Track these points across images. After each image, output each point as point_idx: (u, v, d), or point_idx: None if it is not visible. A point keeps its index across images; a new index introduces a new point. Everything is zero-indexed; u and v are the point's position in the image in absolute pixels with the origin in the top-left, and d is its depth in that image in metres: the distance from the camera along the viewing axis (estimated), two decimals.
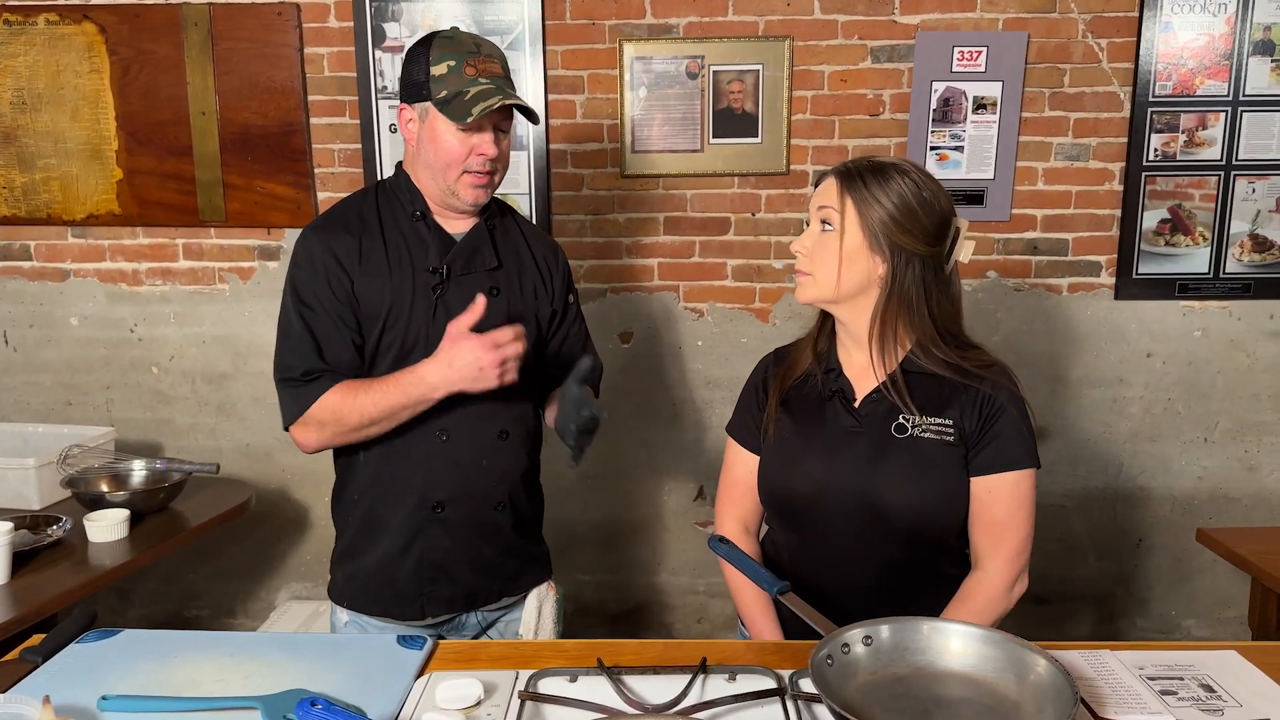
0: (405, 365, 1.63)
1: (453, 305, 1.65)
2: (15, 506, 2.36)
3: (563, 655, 1.32)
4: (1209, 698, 1.22)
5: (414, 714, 1.16)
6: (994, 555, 1.46)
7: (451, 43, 1.62)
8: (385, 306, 1.64)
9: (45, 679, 1.24)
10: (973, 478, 1.46)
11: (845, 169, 1.47)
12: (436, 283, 1.66)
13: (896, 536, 1.46)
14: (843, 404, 1.51)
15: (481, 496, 1.72)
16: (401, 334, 1.65)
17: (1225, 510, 3.05)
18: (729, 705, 1.17)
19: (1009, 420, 1.45)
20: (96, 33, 2.82)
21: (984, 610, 1.43)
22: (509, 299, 1.73)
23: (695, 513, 3.10)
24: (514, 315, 1.70)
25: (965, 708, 1.13)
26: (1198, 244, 2.88)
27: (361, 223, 1.68)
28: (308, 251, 1.66)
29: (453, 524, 1.70)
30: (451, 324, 1.56)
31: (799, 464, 1.51)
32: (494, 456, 1.72)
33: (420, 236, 1.68)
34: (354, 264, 1.64)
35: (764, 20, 2.80)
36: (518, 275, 1.76)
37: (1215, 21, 2.75)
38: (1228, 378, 2.98)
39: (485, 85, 1.59)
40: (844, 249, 1.44)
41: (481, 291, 1.64)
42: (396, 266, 1.66)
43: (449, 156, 1.61)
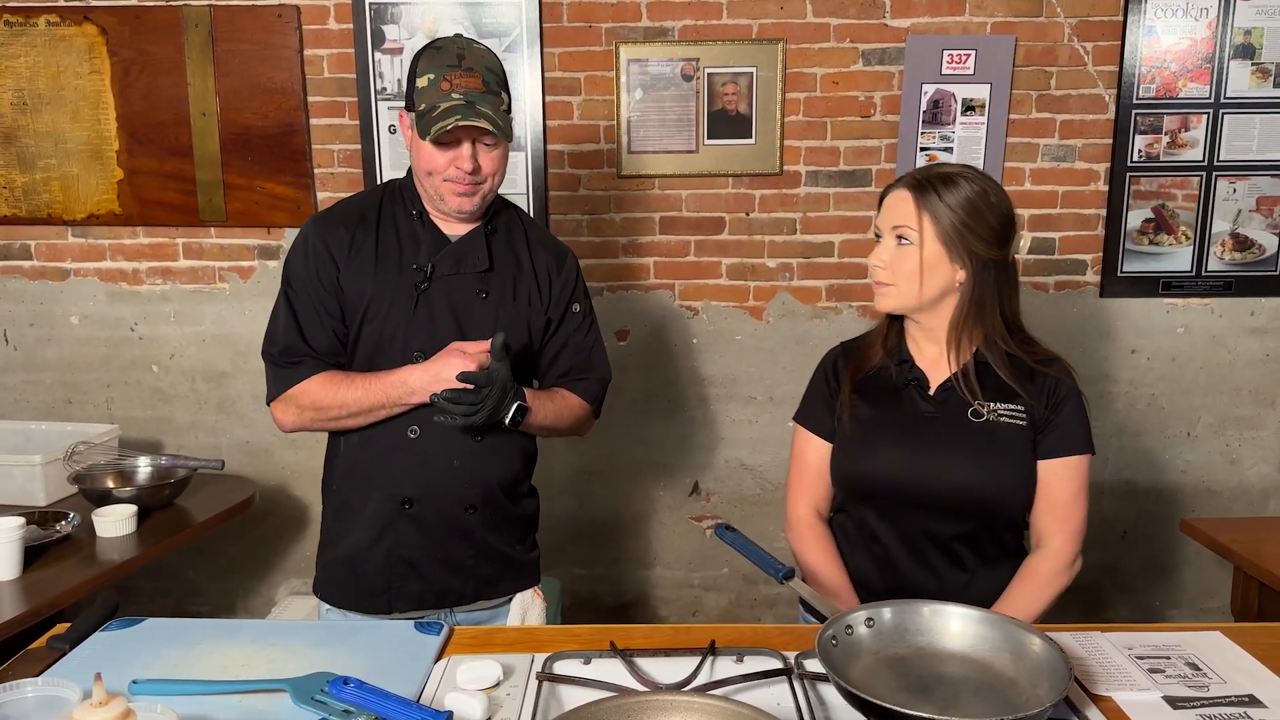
0: (381, 358, 1.69)
1: (436, 304, 1.69)
2: (21, 503, 2.39)
3: (575, 639, 1.36)
4: (1195, 675, 1.27)
5: (435, 695, 1.20)
6: (1058, 534, 1.57)
7: (437, 54, 1.65)
8: (366, 299, 1.69)
9: (74, 665, 1.28)
10: (1039, 461, 1.56)
11: (917, 182, 1.54)
12: (420, 280, 1.69)
13: (971, 514, 1.57)
14: (918, 392, 1.61)
15: (451, 497, 1.72)
16: (379, 328, 1.69)
17: (1208, 503, 3.12)
18: (738, 685, 1.22)
19: (1072, 408, 1.58)
20: (97, 34, 2.85)
21: (1048, 584, 1.55)
22: (498, 303, 1.74)
23: (690, 507, 3.15)
24: (501, 319, 1.72)
25: (964, 685, 1.19)
26: (1180, 243, 2.95)
27: (360, 218, 1.74)
28: (303, 239, 1.73)
29: (422, 521, 1.72)
30: (456, 344, 1.62)
31: (877, 448, 1.61)
32: (466, 458, 1.71)
33: (415, 235, 1.72)
34: (343, 255, 1.70)
35: (758, 23, 2.85)
36: (512, 280, 1.76)
37: (1197, 26, 2.82)
38: (1210, 373, 3.05)
39: (455, 102, 1.60)
40: (924, 260, 1.53)
41: (470, 293, 1.70)
42: (384, 262, 1.70)
43: (428, 166, 1.65)
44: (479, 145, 1.64)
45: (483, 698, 1.16)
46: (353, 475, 1.74)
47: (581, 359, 1.86)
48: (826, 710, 1.19)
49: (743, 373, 3.07)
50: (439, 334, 1.69)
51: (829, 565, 1.66)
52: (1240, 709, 1.19)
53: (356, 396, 1.65)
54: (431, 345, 1.68)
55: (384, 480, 1.72)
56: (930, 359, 1.63)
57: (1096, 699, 1.21)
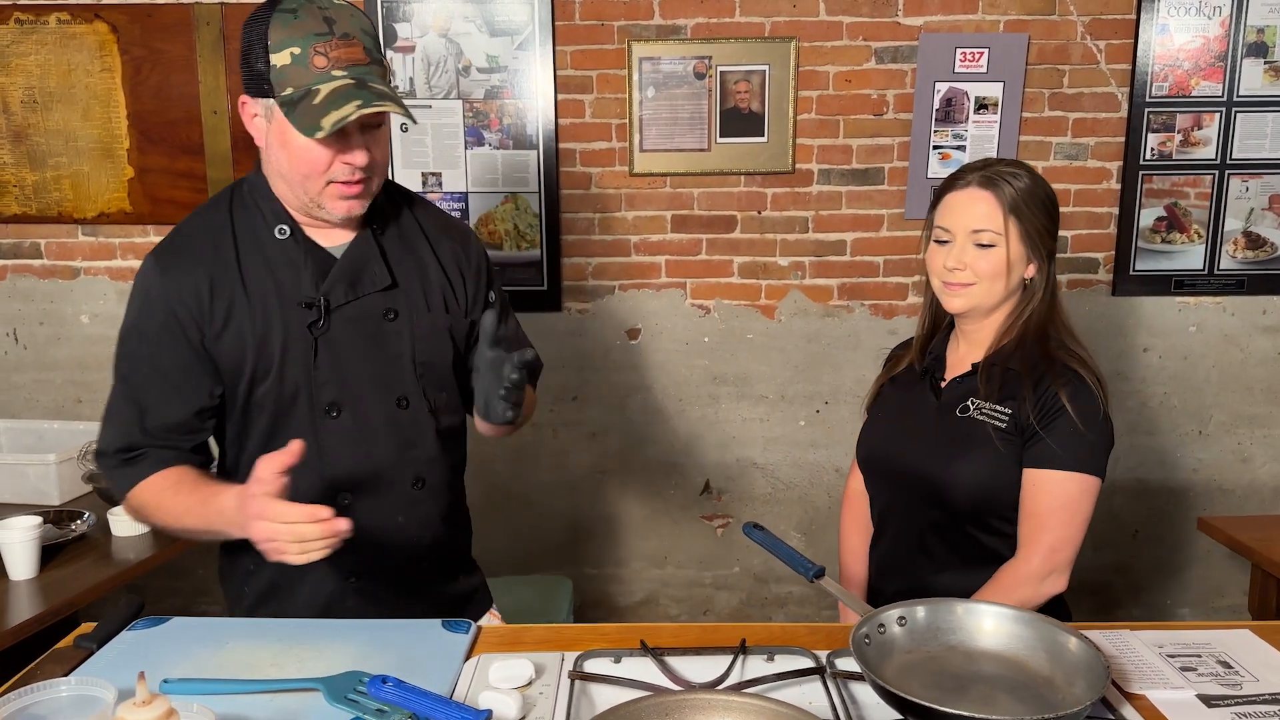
0: (290, 421, 1.39)
1: (339, 342, 1.39)
2: (36, 502, 2.38)
3: (604, 638, 1.36)
4: (1227, 673, 1.27)
5: (468, 693, 1.20)
6: (1029, 545, 1.51)
7: (295, 21, 1.27)
8: (250, 359, 1.37)
9: (103, 664, 1.27)
10: (1025, 469, 1.53)
11: (991, 181, 1.52)
12: (314, 319, 1.38)
13: (931, 503, 1.58)
14: (931, 384, 1.65)
15: (399, 553, 1.49)
16: (275, 388, 1.38)
17: (1220, 501, 3.12)
18: (771, 683, 1.21)
19: (1067, 422, 1.48)
20: (108, 32, 2.84)
21: (1007, 593, 1.48)
22: (412, 321, 1.44)
23: (702, 506, 3.15)
24: (421, 339, 1.45)
25: (1000, 683, 1.18)
26: (1193, 241, 2.95)
27: (214, 248, 1.37)
28: (144, 291, 1.38)
29: (371, 592, 1.49)
30: (262, 462, 1.20)
31: (880, 431, 1.70)
32: (410, 510, 1.49)
33: (289, 258, 1.38)
34: (203, 309, 1.35)
35: (770, 21, 2.85)
36: (421, 289, 1.46)
37: (1210, 24, 2.82)
38: (1222, 372, 3.05)
39: (341, 81, 1.27)
40: (1010, 261, 1.52)
41: (376, 319, 1.41)
42: (259, 303, 1.36)
43: (307, 167, 1.31)
44: (367, 132, 1.33)
45: (517, 696, 1.15)
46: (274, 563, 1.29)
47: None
48: (860, 709, 1.19)
49: (754, 371, 3.07)
50: (350, 379, 1.41)
51: (852, 541, 1.79)
52: (1275, 707, 1.19)
53: (178, 514, 1.35)
54: (347, 396, 1.41)
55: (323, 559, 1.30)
56: (965, 354, 1.63)
57: (1130, 697, 1.21)
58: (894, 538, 1.68)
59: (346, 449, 1.43)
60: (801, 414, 3.08)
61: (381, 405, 1.44)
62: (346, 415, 1.42)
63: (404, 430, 1.46)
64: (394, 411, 1.45)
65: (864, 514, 1.77)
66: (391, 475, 1.46)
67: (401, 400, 1.45)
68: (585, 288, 3.01)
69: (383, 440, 1.44)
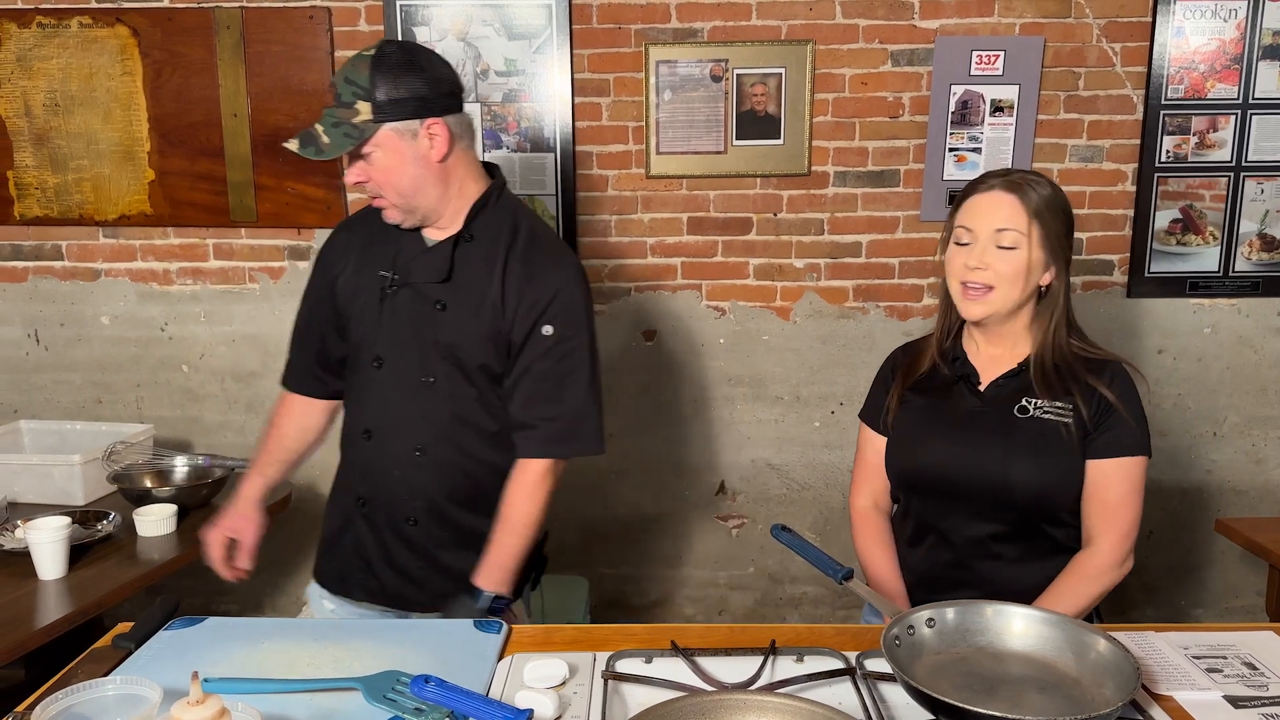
0: (361, 359, 1.75)
1: (398, 311, 1.70)
2: (60, 502, 2.40)
3: (633, 639, 1.37)
4: (1253, 674, 1.28)
5: (504, 692, 1.22)
6: (1106, 534, 1.57)
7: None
8: (346, 301, 1.76)
9: (142, 663, 1.29)
10: (1088, 460, 1.57)
11: (1015, 185, 1.55)
12: (384, 285, 1.71)
13: (1015, 508, 1.58)
14: (968, 388, 1.63)
15: (394, 505, 1.74)
16: (358, 330, 1.75)
17: (1233, 502, 3.13)
18: (802, 684, 1.23)
19: (1127, 410, 1.57)
20: (129, 35, 2.86)
21: (1092, 581, 1.55)
22: (457, 316, 1.68)
23: (717, 506, 3.16)
24: (461, 335, 1.68)
25: (1029, 684, 1.20)
26: (1208, 243, 2.95)
27: (365, 220, 1.79)
28: (330, 237, 1.86)
29: (373, 522, 1.76)
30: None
31: (925, 443, 1.64)
32: (407, 469, 1.71)
33: (398, 241, 1.72)
34: (342, 257, 1.79)
35: (787, 24, 2.86)
36: (477, 294, 1.68)
37: (1226, 26, 2.83)
38: (1236, 373, 3.05)
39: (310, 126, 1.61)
40: (1030, 264, 1.54)
41: (428, 304, 1.68)
42: (366, 266, 1.74)
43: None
44: (358, 157, 1.61)
45: (553, 695, 1.17)
46: (336, 469, 1.85)
47: (546, 388, 1.68)
48: (890, 710, 1.20)
49: (769, 373, 3.08)
50: (396, 343, 1.71)
51: (877, 556, 1.71)
52: None
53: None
54: (390, 355, 1.71)
55: (346, 475, 1.82)
56: (987, 357, 1.65)
57: (1158, 698, 1.22)
58: (945, 548, 1.64)
59: (375, 396, 1.74)
60: (816, 415, 3.09)
61: (412, 373, 1.70)
62: (386, 371, 1.72)
63: (422, 401, 1.70)
64: (417, 380, 1.70)
65: (882, 530, 1.74)
66: (400, 432, 1.72)
67: (427, 376, 1.69)
68: (601, 289, 3.03)
69: (401, 400, 1.71)
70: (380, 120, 1.56)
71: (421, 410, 1.70)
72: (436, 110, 1.59)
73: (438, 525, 1.74)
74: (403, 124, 1.57)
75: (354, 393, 1.80)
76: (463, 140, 1.65)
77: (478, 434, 1.72)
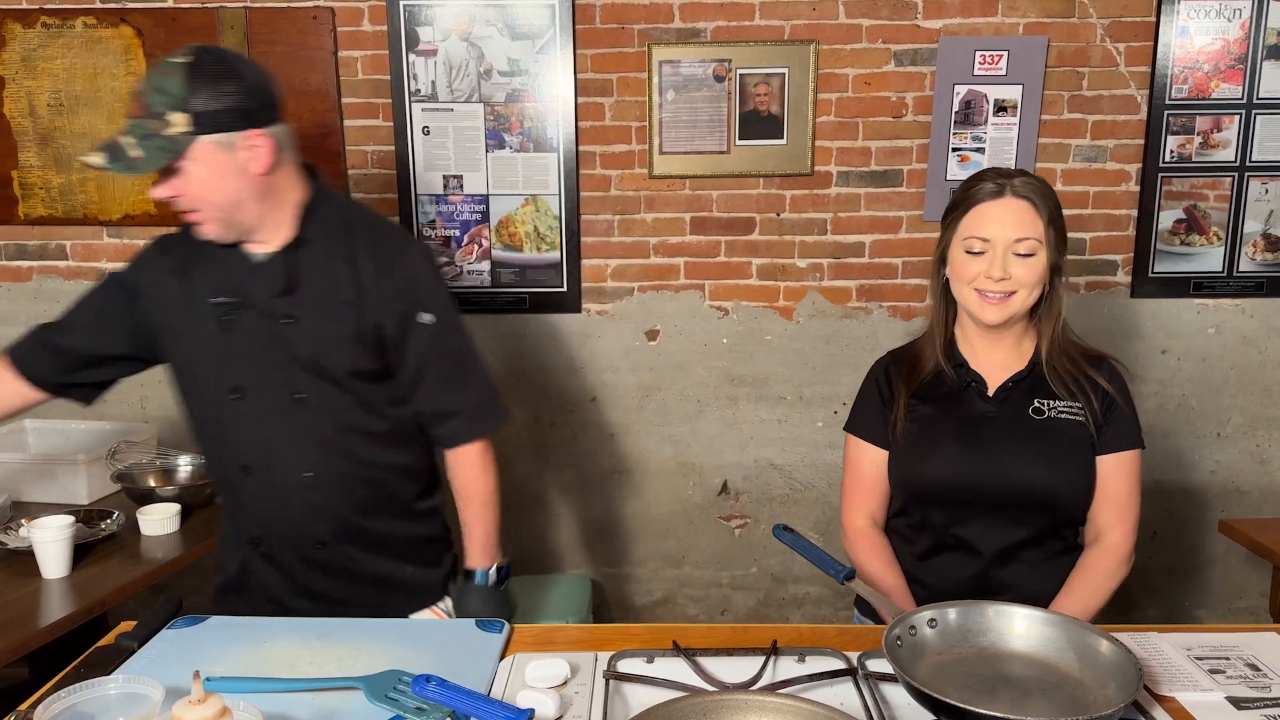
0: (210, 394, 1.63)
1: (246, 336, 1.60)
2: (64, 501, 2.40)
3: (635, 639, 1.37)
4: (1256, 676, 1.28)
5: (505, 692, 1.22)
6: (1117, 527, 1.59)
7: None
8: (169, 336, 1.65)
9: (145, 662, 1.30)
10: (1098, 456, 1.58)
11: (1028, 190, 1.54)
12: (222, 312, 1.60)
13: (1035, 511, 1.58)
14: (977, 394, 1.63)
15: (296, 535, 1.67)
16: (197, 365, 1.64)
17: (1237, 503, 3.12)
18: (804, 684, 1.23)
19: (1126, 403, 1.61)
20: (133, 36, 2.87)
21: (1108, 578, 1.57)
22: (315, 327, 1.60)
23: (719, 507, 3.16)
24: (321, 344, 1.60)
25: (1031, 685, 1.20)
26: (1212, 243, 2.95)
27: (182, 241, 1.66)
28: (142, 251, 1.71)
29: (276, 559, 1.68)
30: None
31: (941, 450, 1.62)
32: (303, 494, 1.64)
33: (224, 262, 1.61)
34: (155, 281, 1.65)
35: (790, 24, 2.86)
36: (328, 297, 1.60)
37: (1230, 26, 2.82)
38: (1240, 374, 3.05)
39: (105, 141, 1.50)
40: (1048, 267, 1.55)
41: (274, 321, 1.59)
42: (191, 296, 1.62)
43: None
44: (170, 172, 1.51)
45: (554, 695, 1.17)
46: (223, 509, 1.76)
47: (450, 374, 1.67)
48: (891, 710, 1.20)
49: (772, 373, 3.08)
50: (251, 369, 1.61)
51: (888, 573, 1.66)
52: None
53: None
54: (248, 383, 1.61)
55: (233, 518, 1.72)
56: (988, 361, 1.64)
57: (1160, 699, 1.22)
58: (968, 558, 1.62)
59: (244, 428, 1.63)
60: (819, 415, 3.09)
61: (278, 396, 1.61)
62: (248, 400, 1.62)
63: (297, 421, 1.62)
64: (289, 404, 1.61)
65: (884, 546, 1.70)
66: (281, 460, 1.63)
67: (297, 395, 1.61)
68: (604, 289, 3.03)
69: (273, 426, 1.62)
70: (197, 132, 1.47)
71: (300, 431, 1.62)
72: (257, 121, 1.51)
73: (349, 541, 1.68)
74: (222, 136, 1.48)
75: (212, 430, 1.67)
76: (286, 150, 1.57)
77: (367, 439, 1.66)
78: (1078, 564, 1.61)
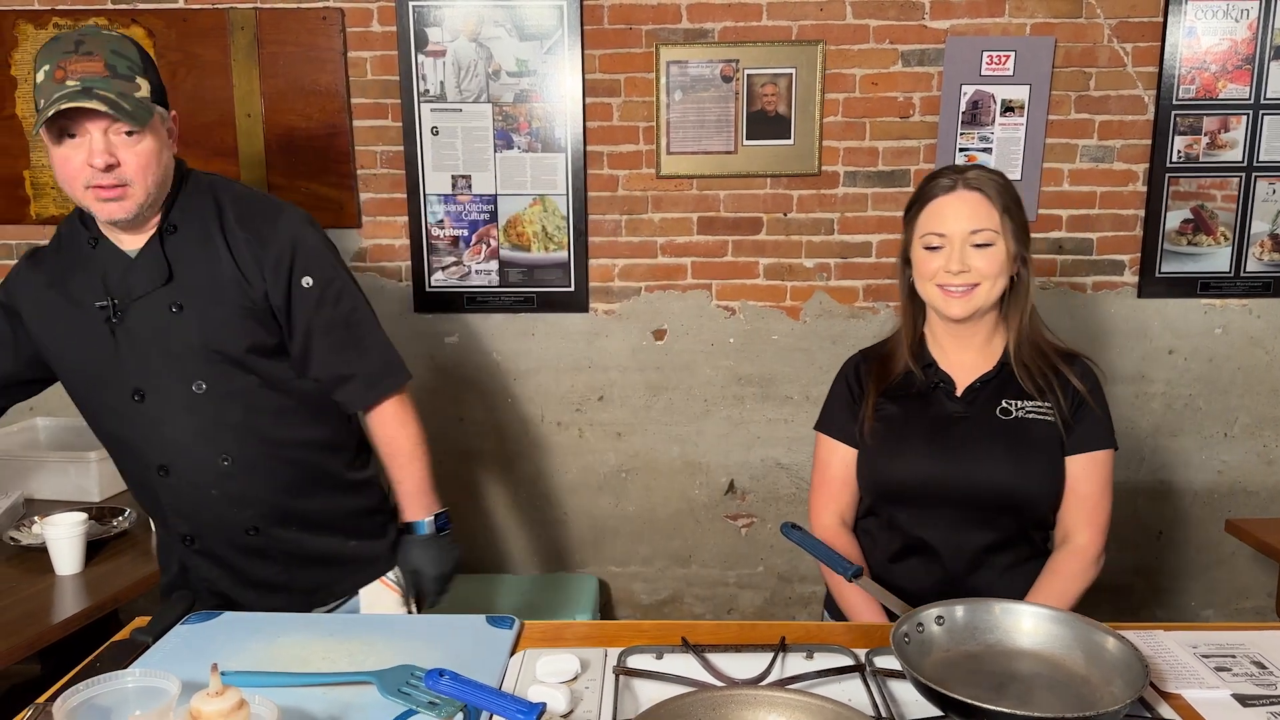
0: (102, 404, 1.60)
1: (135, 335, 1.55)
2: (76, 499, 2.43)
3: (644, 635, 1.38)
4: (1262, 673, 1.29)
5: (516, 686, 1.23)
6: (1086, 528, 1.58)
7: (53, 45, 1.46)
8: (55, 348, 1.60)
9: (161, 656, 1.31)
10: (1067, 456, 1.57)
11: (979, 182, 1.55)
12: (108, 315, 1.55)
13: (1002, 512, 1.58)
14: (945, 394, 1.62)
15: (225, 526, 1.63)
16: (88, 373, 1.59)
17: (1244, 503, 3.12)
18: (812, 680, 1.24)
19: (1097, 403, 1.59)
20: (145, 37, 2.88)
21: (1077, 577, 1.56)
22: (202, 312, 1.55)
23: (726, 506, 3.17)
24: (213, 328, 1.56)
25: (1037, 682, 1.21)
26: (1219, 244, 2.95)
27: (52, 254, 1.62)
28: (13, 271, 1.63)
29: (211, 553, 1.65)
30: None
31: (908, 450, 1.61)
32: (224, 484, 1.60)
33: (96, 264, 1.56)
34: (33, 296, 1.60)
35: (797, 25, 2.87)
36: (209, 279, 1.56)
37: (1238, 26, 2.82)
38: (1247, 374, 3.05)
39: (71, 88, 1.40)
40: (1007, 257, 1.55)
41: (163, 313, 1.54)
42: (72, 305, 1.57)
43: (63, 173, 1.47)
44: (115, 137, 1.43)
45: (565, 690, 1.18)
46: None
47: (341, 336, 1.64)
48: (899, 706, 1.21)
49: (779, 372, 3.09)
50: (149, 367, 1.56)
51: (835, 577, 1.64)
52: None
53: None
54: (148, 382, 1.56)
55: (160, 521, 1.69)
56: (957, 362, 1.64)
57: (1167, 696, 1.23)
58: (934, 561, 1.61)
59: (154, 429, 1.58)
60: None
61: (180, 390, 1.57)
62: (151, 399, 1.57)
63: (204, 411, 1.58)
64: (192, 395, 1.57)
65: (853, 547, 1.69)
66: (196, 452, 1.59)
67: (198, 385, 1.57)
68: (612, 289, 3.04)
69: (182, 421, 1.58)
70: (156, 103, 1.49)
71: (209, 421, 1.58)
72: (167, 102, 1.56)
73: (282, 524, 1.65)
74: (163, 110, 1.52)
75: (119, 435, 1.63)
76: None
77: (277, 417, 1.63)
78: (1046, 565, 1.60)
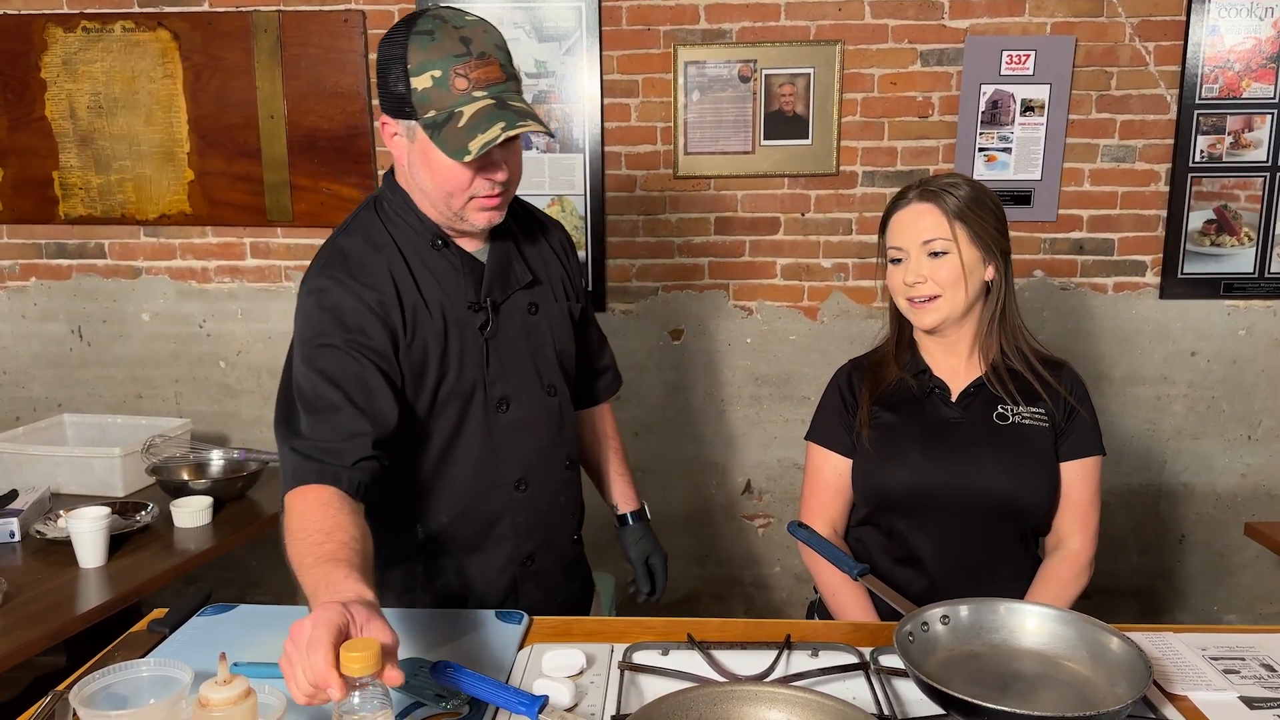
0: (466, 420, 1.46)
1: (502, 340, 1.47)
2: (101, 494, 2.47)
3: (651, 631, 1.40)
4: (1270, 676, 1.28)
5: (523, 680, 1.24)
6: (1078, 534, 1.59)
7: (433, 43, 1.29)
8: (434, 363, 1.42)
9: (176, 647, 1.34)
10: (1061, 462, 1.58)
11: (930, 194, 1.55)
12: (482, 321, 1.46)
13: (999, 517, 1.58)
14: (941, 400, 1.62)
15: (562, 535, 1.65)
16: (456, 388, 1.45)
17: (1268, 507, 3.09)
18: (816, 678, 1.25)
19: (1087, 410, 1.61)
20: (170, 39, 2.93)
21: (1071, 583, 1.56)
22: (549, 312, 1.55)
23: (742, 505, 3.18)
24: (557, 328, 1.56)
25: (1041, 682, 1.20)
26: (1243, 244, 2.92)
27: (388, 262, 1.41)
28: (332, 309, 1.36)
29: (542, 575, 1.60)
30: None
31: (905, 457, 1.61)
32: (569, 490, 1.63)
33: (451, 267, 1.45)
34: (387, 318, 1.38)
35: (815, 25, 2.87)
36: (549, 281, 1.57)
37: (1262, 25, 2.79)
38: (1272, 376, 3.01)
39: (482, 102, 1.29)
40: (965, 264, 1.54)
41: (523, 315, 1.51)
42: (437, 310, 1.43)
43: (451, 185, 1.36)
44: (506, 147, 1.36)
45: (570, 684, 1.19)
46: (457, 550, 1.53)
47: (600, 346, 1.80)
48: (903, 705, 1.22)
49: (796, 372, 3.09)
50: (513, 374, 1.49)
51: (848, 581, 1.61)
52: None
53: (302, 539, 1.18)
54: (513, 390, 1.49)
55: (496, 541, 1.54)
56: (949, 369, 1.64)
57: (1173, 698, 1.22)
58: (933, 566, 1.61)
59: (516, 439, 1.51)
60: None
61: (537, 395, 1.54)
62: (514, 408, 1.50)
63: (555, 416, 1.57)
64: (546, 400, 1.55)
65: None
66: (551, 459, 1.57)
67: (550, 388, 1.55)
68: (629, 289, 3.05)
69: (542, 427, 1.55)
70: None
71: (559, 423, 1.57)
72: None
73: (581, 529, 1.71)
74: None
75: (470, 458, 1.48)
76: None
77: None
78: (1040, 572, 1.60)
